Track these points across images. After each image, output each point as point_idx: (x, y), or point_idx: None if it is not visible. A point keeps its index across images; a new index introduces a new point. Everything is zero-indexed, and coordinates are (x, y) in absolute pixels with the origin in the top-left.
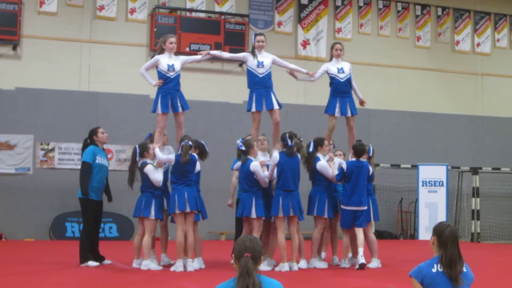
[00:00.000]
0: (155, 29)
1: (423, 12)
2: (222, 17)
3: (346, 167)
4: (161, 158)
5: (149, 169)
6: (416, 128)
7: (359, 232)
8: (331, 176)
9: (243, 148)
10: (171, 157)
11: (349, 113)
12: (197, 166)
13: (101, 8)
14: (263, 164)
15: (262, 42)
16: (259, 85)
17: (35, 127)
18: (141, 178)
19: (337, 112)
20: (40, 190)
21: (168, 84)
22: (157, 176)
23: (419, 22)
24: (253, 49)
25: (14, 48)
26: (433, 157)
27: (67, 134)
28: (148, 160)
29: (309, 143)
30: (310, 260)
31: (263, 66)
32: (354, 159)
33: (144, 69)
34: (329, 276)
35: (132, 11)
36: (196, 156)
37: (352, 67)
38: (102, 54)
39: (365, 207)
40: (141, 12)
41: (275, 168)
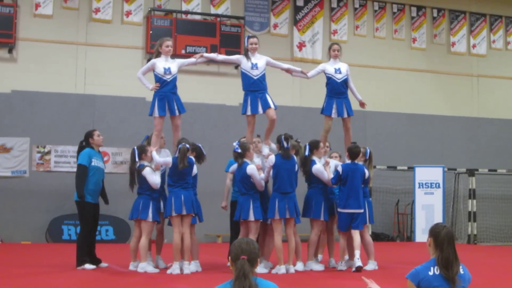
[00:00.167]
0: (151, 32)
1: (419, 14)
2: (218, 19)
3: (342, 170)
4: (158, 161)
5: (147, 172)
6: (412, 130)
7: (356, 235)
8: (327, 180)
9: (239, 151)
10: (168, 160)
11: (346, 114)
12: (194, 169)
13: (97, 11)
14: (260, 168)
15: (255, 45)
16: (254, 88)
17: (31, 130)
18: (138, 181)
19: (334, 113)
20: (37, 193)
21: (165, 87)
22: (156, 179)
23: (415, 24)
24: (247, 52)
25: (10, 51)
26: (430, 159)
27: (63, 137)
28: (146, 163)
29: (304, 146)
30: (307, 263)
31: (257, 68)
32: (349, 162)
33: (141, 73)
34: (326, 279)
35: (128, 14)
36: (193, 159)
37: (349, 69)
38: (98, 57)
39: (362, 210)
40: (137, 15)
41: (271, 170)
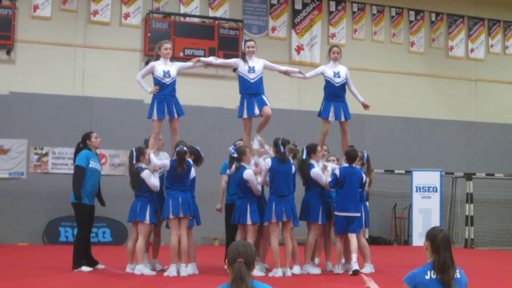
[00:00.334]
0: (149, 34)
1: (417, 18)
2: (216, 22)
3: (339, 173)
4: (156, 164)
5: (146, 175)
6: (410, 134)
7: (353, 238)
8: (325, 183)
9: (236, 156)
10: (166, 163)
11: (343, 118)
12: (192, 172)
13: (95, 13)
14: (257, 172)
15: (253, 48)
16: (251, 91)
17: (29, 132)
18: (136, 183)
19: (331, 117)
20: (34, 195)
21: (164, 90)
22: (154, 181)
23: (413, 28)
24: (244, 55)
25: (8, 53)
26: (427, 163)
27: (61, 139)
28: (144, 165)
29: (302, 150)
30: (304, 266)
31: (254, 71)
32: (347, 165)
33: (140, 76)
34: (323, 282)
35: (126, 16)
36: (191, 162)
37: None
38: (96, 59)
39: (359, 213)
40: (135, 17)
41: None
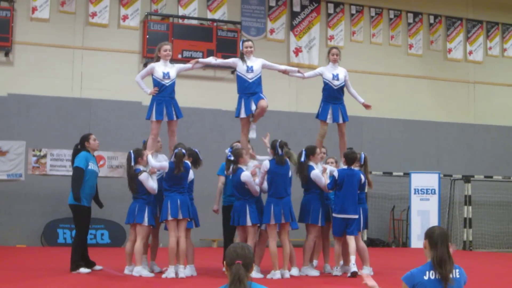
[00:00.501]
0: (147, 36)
1: (415, 20)
2: (215, 24)
3: (338, 175)
4: (155, 165)
5: (144, 177)
6: (408, 136)
7: (351, 240)
8: (323, 185)
9: (232, 158)
10: (165, 165)
11: (341, 120)
12: (191, 174)
13: (94, 15)
14: (254, 174)
15: (250, 48)
16: (248, 91)
17: (27, 133)
18: (134, 185)
19: (329, 119)
20: (32, 197)
21: (163, 92)
22: (153, 184)
23: (411, 30)
24: (242, 55)
25: (7, 55)
26: (425, 165)
27: (59, 141)
28: (142, 167)
29: (301, 152)
30: (302, 268)
31: (253, 71)
32: (346, 167)
33: (140, 78)
34: (321, 284)
35: (125, 18)
36: (190, 164)
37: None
38: (95, 61)
39: (357, 216)
40: (134, 19)
41: (266, 176)
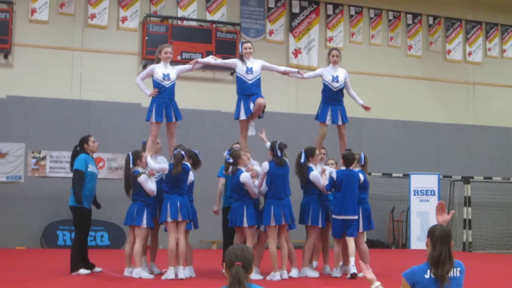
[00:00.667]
0: (147, 38)
1: (415, 21)
2: (214, 26)
3: (336, 176)
4: (154, 167)
5: (143, 179)
6: (408, 137)
7: (350, 241)
8: (322, 187)
9: (231, 161)
10: (165, 166)
11: (340, 122)
12: (191, 176)
13: (93, 17)
14: (254, 176)
15: (250, 49)
16: (248, 92)
17: (27, 135)
18: (133, 187)
19: (328, 120)
20: (32, 198)
21: (163, 93)
22: (152, 186)
23: (411, 31)
24: (241, 56)
25: (6, 57)
26: (425, 166)
27: (59, 143)
28: (141, 169)
29: (300, 153)
30: (302, 269)
31: (252, 72)
32: (344, 168)
33: (140, 79)
34: (320, 285)
35: (124, 20)
36: (189, 166)
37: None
38: (94, 63)
39: (356, 216)
40: (133, 21)
41: (265, 177)
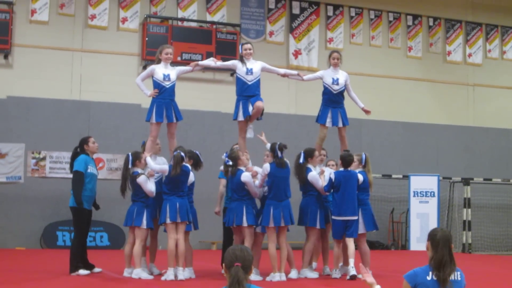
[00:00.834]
0: (147, 38)
1: (415, 23)
2: (214, 27)
3: (334, 177)
4: (155, 168)
5: (142, 180)
6: (408, 138)
7: (350, 242)
8: (320, 188)
9: (230, 163)
10: (165, 168)
11: (341, 124)
12: (191, 177)
13: (93, 17)
14: (254, 175)
15: (250, 50)
16: (247, 93)
17: (27, 136)
18: (133, 188)
19: (328, 122)
20: (31, 199)
21: (164, 94)
22: (151, 187)
23: (411, 33)
24: (242, 58)
25: (6, 57)
26: (425, 168)
27: (59, 143)
28: (140, 170)
29: (300, 154)
30: (301, 270)
31: (252, 73)
32: (342, 169)
33: (140, 80)
34: (320, 286)
35: (124, 20)
36: (189, 167)
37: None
38: (94, 63)
39: (356, 217)
40: (133, 21)
41: (266, 179)
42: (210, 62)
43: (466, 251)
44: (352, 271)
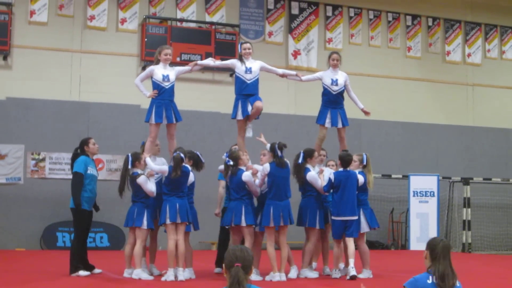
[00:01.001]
0: (146, 39)
1: (414, 23)
2: (213, 27)
3: (334, 178)
4: (154, 168)
5: (142, 181)
6: (407, 138)
7: (350, 242)
8: (320, 187)
9: (231, 163)
10: (164, 169)
11: (340, 125)
12: (191, 178)
13: (92, 18)
14: (255, 173)
15: (249, 50)
16: (246, 92)
17: (26, 137)
18: (133, 188)
19: (328, 123)
20: (31, 200)
21: (163, 94)
22: (151, 187)
23: (410, 33)
24: (241, 57)
25: (5, 58)
26: (424, 167)
27: (58, 144)
28: (139, 171)
29: (299, 154)
30: (301, 270)
31: (251, 72)
32: (342, 169)
33: (139, 80)
34: (320, 286)
35: (123, 21)
36: (189, 168)
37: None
38: (93, 64)
39: (355, 217)
40: (132, 22)
41: (266, 178)
42: (209, 62)
43: (466, 251)
44: (352, 271)
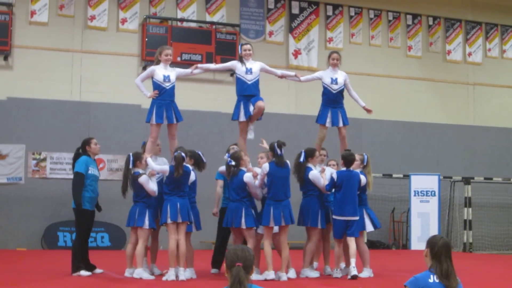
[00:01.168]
0: (146, 39)
1: (414, 22)
2: (213, 27)
3: (336, 177)
4: (155, 168)
5: (144, 180)
6: (408, 138)
7: (351, 242)
8: (322, 186)
9: (233, 164)
10: (165, 168)
11: (341, 124)
12: (192, 177)
13: (92, 18)
14: (255, 176)
15: (249, 51)
16: (247, 92)
17: (27, 137)
18: (134, 188)
19: (328, 122)
20: (32, 200)
21: (164, 95)
22: (153, 187)
23: (411, 32)
24: (241, 58)
25: (6, 58)
26: (425, 167)
27: (59, 144)
28: (141, 170)
29: (300, 153)
30: (302, 270)
31: (252, 73)
32: (344, 169)
33: (140, 80)
34: (321, 286)
35: (123, 21)
36: (190, 167)
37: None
38: (94, 64)
39: (357, 217)
40: (132, 22)
41: (265, 178)
42: (210, 65)
43: (467, 251)
44: (353, 271)
